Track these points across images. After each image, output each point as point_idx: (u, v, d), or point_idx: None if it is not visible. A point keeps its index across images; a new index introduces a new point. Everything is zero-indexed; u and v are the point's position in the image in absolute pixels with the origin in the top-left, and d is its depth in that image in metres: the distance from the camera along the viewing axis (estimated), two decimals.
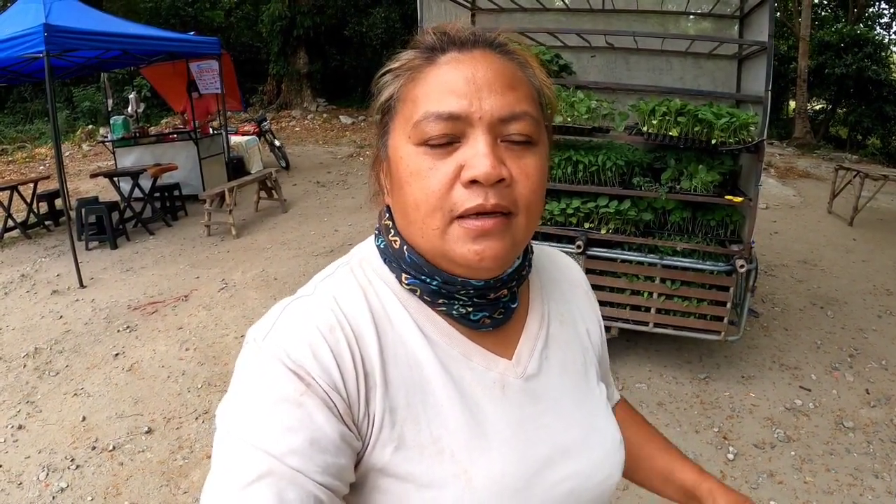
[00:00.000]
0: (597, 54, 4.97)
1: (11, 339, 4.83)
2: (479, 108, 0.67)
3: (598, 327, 0.97)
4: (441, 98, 0.68)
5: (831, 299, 5.46)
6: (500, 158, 0.67)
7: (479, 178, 0.65)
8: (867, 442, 3.45)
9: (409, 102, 0.71)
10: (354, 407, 0.68)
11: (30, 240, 7.74)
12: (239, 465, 0.62)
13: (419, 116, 0.68)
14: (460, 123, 0.67)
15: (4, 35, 5.92)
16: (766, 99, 3.62)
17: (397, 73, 0.74)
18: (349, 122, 16.33)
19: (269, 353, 0.67)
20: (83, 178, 10.95)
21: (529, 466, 0.75)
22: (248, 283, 5.90)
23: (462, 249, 0.68)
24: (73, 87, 17.91)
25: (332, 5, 18.27)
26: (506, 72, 0.70)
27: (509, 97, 0.69)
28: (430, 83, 0.69)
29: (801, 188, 10.41)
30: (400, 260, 0.76)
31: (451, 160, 0.68)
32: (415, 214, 0.70)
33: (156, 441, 3.49)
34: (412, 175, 0.69)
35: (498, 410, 0.76)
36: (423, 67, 0.71)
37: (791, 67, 17.16)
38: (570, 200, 4.02)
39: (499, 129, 0.68)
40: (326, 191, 9.88)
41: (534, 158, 0.71)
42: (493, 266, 0.70)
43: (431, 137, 0.67)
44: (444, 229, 0.68)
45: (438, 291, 0.74)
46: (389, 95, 0.74)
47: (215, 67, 9.09)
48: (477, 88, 0.68)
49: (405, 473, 0.70)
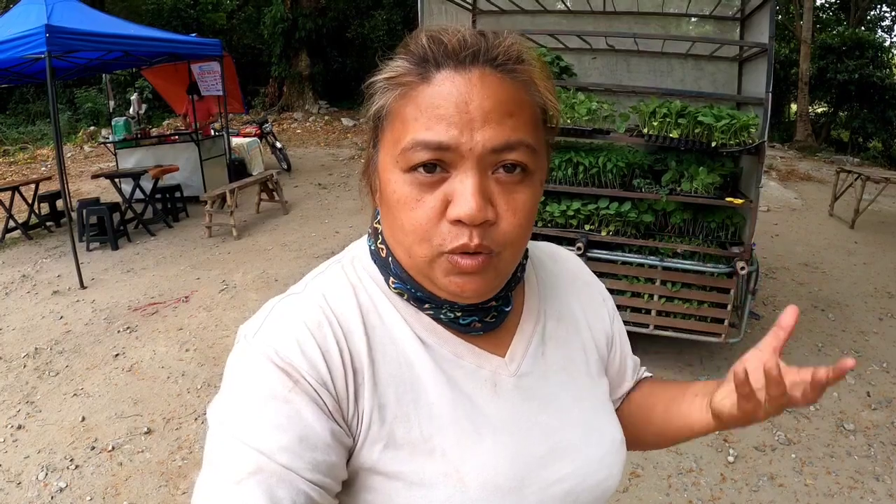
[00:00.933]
0: (598, 56, 4.97)
1: (12, 339, 4.83)
2: (469, 139, 0.63)
3: (604, 317, 0.95)
4: (430, 125, 0.64)
5: (832, 302, 5.45)
6: (487, 196, 0.65)
7: (464, 219, 0.63)
8: (868, 444, 3.44)
9: (398, 121, 0.67)
10: (343, 403, 0.68)
11: (31, 240, 7.74)
12: (229, 462, 0.62)
13: (407, 143, 0.65)
14: (449, 153, 0.64)
15: (6, 36, 5.93)
16: (767, 100, 3.63)
17: (389, 86, 0.69)
18: (351, 125, 16.33)
19: (257, 350, 0.67)
20: (85, 179, 10.97)
21: (523, 465, 0.74)
22: (248, 284, 5.90)
23: (445, 280, 0.68)
24: (75, 88, 17.94)
25: (334, 8, 18.33)
26: (505, 97, 0.65)
27: (506, 126, 0.65)
28: (421, 105, 0.65)
29: (802, 191, 10.40)
30: (386, 267, 0.76)
31: (438, 192, 0.65)
32: (403, 238, 0.69)
33: (155, 441, 3.48)
34: (399, 203, 0.67)
35: (491, 409, 0.75)
36: (415, 85, 0.66)
37: (793, 71, 17.17)
38: (571, 202, 4.02)
39: (490, 159, 0.65)
40: (328, 193, 9.88)
41: (524, 192, 0.68)
42: (474, 298, 0.70)
43: (418, 166, 0.65)
44: (431, 259, 0.67)
45: (424, 299, 0.74)
46: (381, 106, 0.70)
47: (217, 69, 9.09)
48: (470, 119, 0.63)
49: (395, 472, 0.69)
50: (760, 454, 3.36)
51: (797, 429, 3.58)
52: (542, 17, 5.02)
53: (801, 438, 3.49)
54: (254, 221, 8.35)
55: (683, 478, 3.15)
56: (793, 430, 3.56)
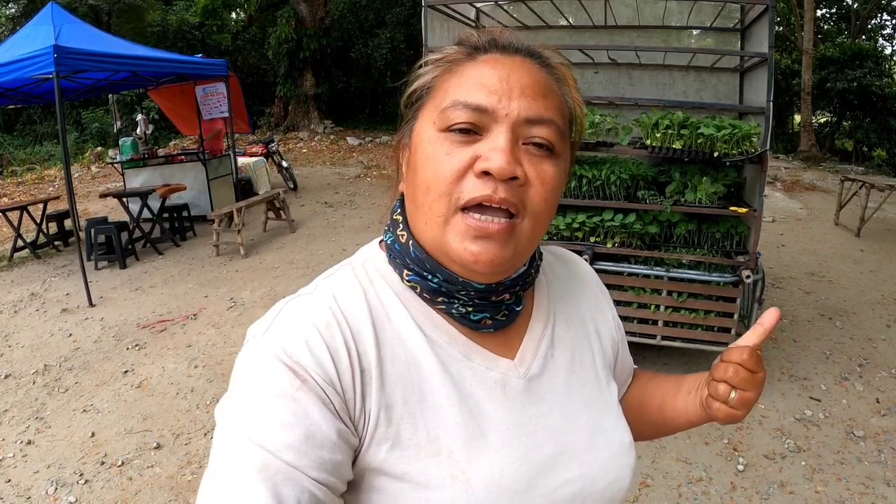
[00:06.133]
0: (600, 70, 5.01)
1: (21, 357, 4.86)
2: (506, 105, 0.68)
3: (611, 321, 0.96)
4: (472, 90, 0.69)
5: (840, 310, 5.44)
6: (517, 158, 0.68)
7: (493, 170, 0.65)
8: (878, 451, 3.42)
9: (440, 91, 0.72)
10: (350, 403, 0.68)
11: (39, 259, 7.80)
12: (235, 459, 0.62)
13: (447, 104, 0.69)
14: (486, 117, 0.68)
15: (15, 56, 6.02)
16: (768, 109, 3.64)
17: (437, 64, 0.75)
18: (356, 144, 16.40)
19: (266, 349, 0.67)
20: (92, 198, 11.04)
21: (530, 468, 0.74)
22: (256, 301, 5.92)
23: (459, 246, 0.68)
24: (82, 109, 18.12)
25: (338, 28, 18.50)
26: (542, 81, 0.71)
27: (539, 103, 0.70)
28: (465, 76, 0.71)
29: (807, 201, 10.40)
30: (405, 255, 0.76)
31: (468, 149, 0.68)
32: (423, 198, 0.70)
33: (164, 456, 3.49)
34: (428, 158, 0.70)
35: (499, 411, 0.75)
36: (462, 62, 0.73)
37: (795, 82, 17.21)
38: (576, 215, 4.04)
39: (523, 131, 0.69)
40: (334, 211, 9.92)
41: (552, 167, 0.71)
42: (486, 270, 0.69)
43: (455, 124, 0.68)
44: (447, 217, 0.68)
45: (439, 290, 0.74)
46: (424, 84, 0.75)
47: (222, 90, 9.17)
48: (509, 88, 0.68)
49: (401, 473, 0.69)
50: (770, 462, 3.34)
51: (807, 436, 3.57)
52: (544, 33, 5.06)
53: (810, 446, 3.48)
54: (261, 240, 8.39)
55: (693, 487, 3.14)
56: (802, 438, 3.55)
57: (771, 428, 3.65)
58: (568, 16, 5.09)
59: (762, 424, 3.69)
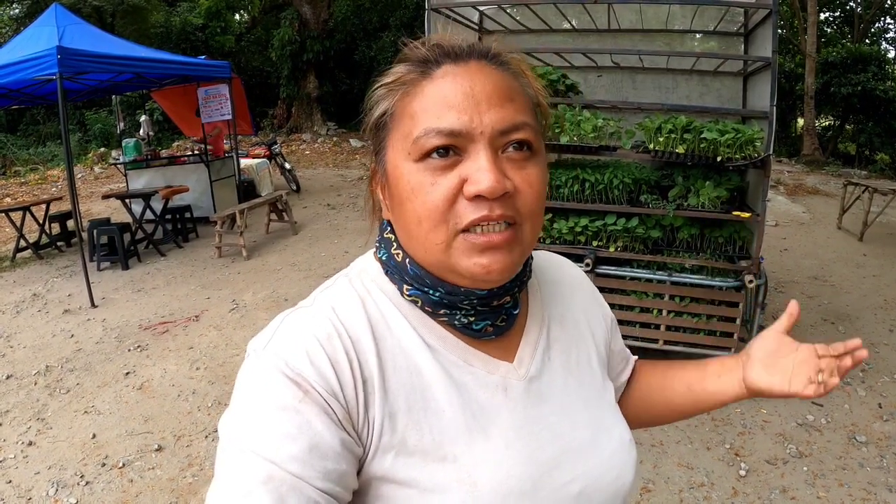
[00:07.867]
0: (603, 73, 5.02)
1: (23, 357, 4.86)
2: (479, 122, 0.67)
3: (604, 320, 0.97)
4: (440, 113, 0.67)
5: (842, 315, 5.43)
6: (502, 171, 0.68)
7: (484, 192, 0.65)
8: (880, 456, 3.41)
9: (406, 118, 0.70)
10: (353, 413, 0.68)
11: (42, 260, 7.82)
12: (240, 472, 0.62)
13: (419, 133, 0.68)
14: (461, 139, 0.67)
15: (18, 57, 6.03)
16: (772, 114, 3.64)
17: (391, 88, 0.73)
18: (359, 146, 16.41)
19: (267, 362, 0.68)
20: (95, 199, 11.08)
21: (536, 468, 0.75)
22: (258, 303, 5.93)
23: (467, 263, 0.68)
24: (85, 110, 18.15)
25: (342, 30, 18.51)
26: (502, 84, 0.70)
27: (508, 109, 0.69)
28: (428, 98, 0.69)
29: (810, 205, 10.39)
30: (402, 272, 0.76)
31: (452, 174, 0.67)
32: (417, 230, 0.70)
33: (166, 459, 3.49)
34: (413, 191, 0.68)
35: (501, 413, 0.76)
36: (418, 81, 0.71)
37: (798, 86, 17.22)
38: (578, 219, 4.03)
39: (500, 141, 0.68)
40: (336, 213, 9.93)
41: (535, 167, 0.71)
42: (498, 278, 0.70)
43: (432, 151, 0.67)
44: (448, 243, 0.68)
45: (440, 302, 0.75)
46: (384, 111, 0.74)
47: (224, 92, 9.17)
48: (476, 102, 0.67)
49: (408, 479, 0.69)
50: (772, 467, 3.33)
51: (809, 441, 3.56)
52: (547, 36, 5.07)
53: (812, 451, 3.47)
54: (263, 242, 8.40)
55: (695, 492, 3.13)
56: (804, 443, 3.54)
57: (773, 433, 3.64)
58: (571, 19, 5.10)
59: (764, 429, 3.68)
